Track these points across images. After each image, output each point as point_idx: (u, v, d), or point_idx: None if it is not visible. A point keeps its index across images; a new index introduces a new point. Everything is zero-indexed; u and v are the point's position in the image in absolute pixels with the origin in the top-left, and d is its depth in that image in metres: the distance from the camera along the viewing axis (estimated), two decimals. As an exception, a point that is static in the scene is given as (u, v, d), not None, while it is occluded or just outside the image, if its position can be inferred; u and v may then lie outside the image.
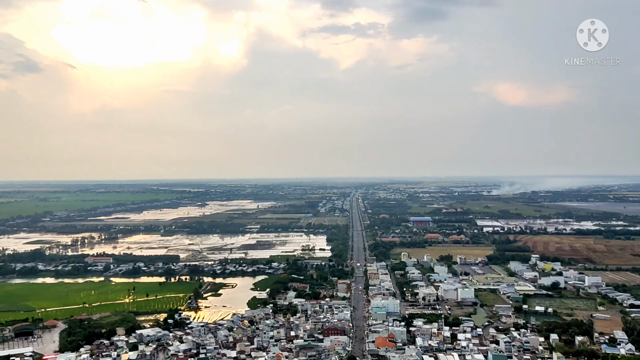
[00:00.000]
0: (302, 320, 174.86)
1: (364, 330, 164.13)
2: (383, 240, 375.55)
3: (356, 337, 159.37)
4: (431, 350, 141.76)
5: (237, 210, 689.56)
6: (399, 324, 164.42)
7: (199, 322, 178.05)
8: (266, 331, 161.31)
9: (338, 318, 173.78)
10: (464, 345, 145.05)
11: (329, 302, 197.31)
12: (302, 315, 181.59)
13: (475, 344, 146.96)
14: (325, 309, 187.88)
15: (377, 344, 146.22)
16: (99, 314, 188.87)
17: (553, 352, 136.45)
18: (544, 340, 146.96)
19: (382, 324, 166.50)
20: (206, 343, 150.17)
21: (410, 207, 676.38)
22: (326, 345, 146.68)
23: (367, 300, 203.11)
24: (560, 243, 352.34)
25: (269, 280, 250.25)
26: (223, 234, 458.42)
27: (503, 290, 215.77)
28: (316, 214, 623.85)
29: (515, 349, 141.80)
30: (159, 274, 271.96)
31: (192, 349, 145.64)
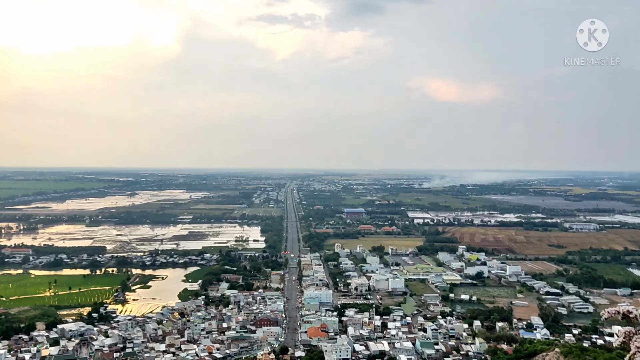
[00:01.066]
0: (234, 311, 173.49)
1: (297, 321, 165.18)
2: (317, 232, 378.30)
3: (289, 328, 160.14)
4: (362, 339, 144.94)
5: (169, 201, 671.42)
6: (331, 314, 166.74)
7: (126, 315, 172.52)
8: (197, 323, 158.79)
9: (271, 309, 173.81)
10: (393, 334, 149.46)
11: (262, 293, 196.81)
12: (234, 306, 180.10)
13: (405, 332, 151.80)
14: (258, 300, 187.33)
15: (309, 334, 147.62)
16: (17, 308, 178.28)
17: (476, 337, 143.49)
18: (467, 327, 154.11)
19: (314, 314, 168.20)
20: (133, 337, 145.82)
21: (345, 198, 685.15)
22: (259, 336, 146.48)
23: (300, 291, 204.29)
24: (485, 234, 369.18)
25: (201, 271, 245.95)
26: (153, 224, 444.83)
27: (432, 280, 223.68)
28: (250, 205, 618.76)
29: (441, 335, 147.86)
30: (83, 266, 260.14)
31: (118, 344, 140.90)
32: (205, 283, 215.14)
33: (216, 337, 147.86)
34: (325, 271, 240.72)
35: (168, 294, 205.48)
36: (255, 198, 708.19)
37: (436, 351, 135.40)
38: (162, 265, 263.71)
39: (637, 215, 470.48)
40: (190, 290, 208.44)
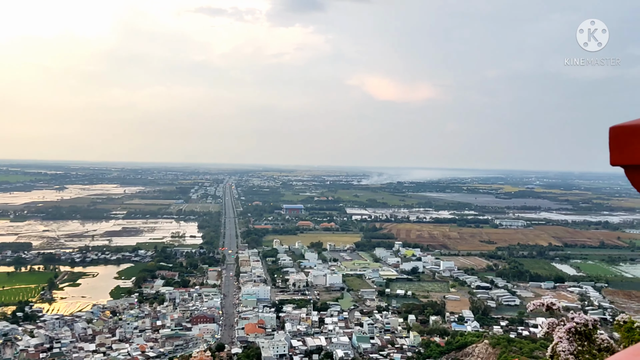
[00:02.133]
0: (169, 309, 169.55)
1: (234, 318, 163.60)
2: (256, 228, 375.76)
3: (226, 325, 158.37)
4: (300, 335, 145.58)
5: (101, 195, 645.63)
6: (269, 310, 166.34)
7: (53, 314, 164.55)
8: (130, 322, 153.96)
9: (208, 306, 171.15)
10: (330, 329, 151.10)
11: (198, 290, 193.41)
12: (169, 304, 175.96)
13: (342, 327, 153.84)
14: (195, 297, 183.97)
15: (246, 330, 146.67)
16: None
17: (410, 331, 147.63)
18: (402, 321, 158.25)
19: (252, 310, 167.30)
20: (61, 337, 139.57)
21: (284, 194, 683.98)
22: (194, 334, 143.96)
23: (238, 287, 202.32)
24: (421, 230, 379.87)
25: (135, 268, 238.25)
26: (84, 220, 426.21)
27: (368, 275, 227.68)
28: (187, 200, 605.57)
29: (377, 330, 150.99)
30: (7, 263, 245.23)
31: (45, 344, 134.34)
32: (139, 280, 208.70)
33: (150, 336, 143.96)
34: (263, 267, 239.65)
35: (99, 291, 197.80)
36: (193, 193, 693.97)
37: (372, 345, 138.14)
38: (93, 262, 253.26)
39: (560, 212, 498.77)
40: (123, 288, 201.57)
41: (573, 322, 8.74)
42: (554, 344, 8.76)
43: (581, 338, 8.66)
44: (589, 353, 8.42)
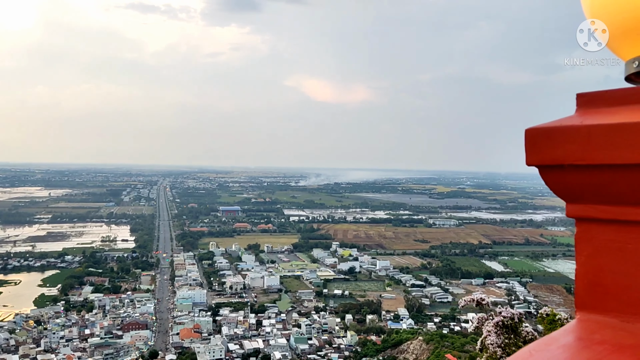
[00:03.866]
0: (99, 316, 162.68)
1: (169, 323, 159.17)
2: (191, 230, 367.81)
3: (160, 331, 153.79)
4: (237, 338, 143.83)
5: (24, 198, 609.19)
6: (205, 314, 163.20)
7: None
8: (55, 331, 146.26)
9: (140, 312, 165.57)
10: (268, 331, 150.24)
11: (130, 295, 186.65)
12: (99, 311, 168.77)
13: (279, 328, 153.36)
14: (127, 303, 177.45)
15: (181, 335, 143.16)
16: None
17: (348, 330, 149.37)
18: (340, 321, 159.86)
19: (187, 314, 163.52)
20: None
21: (220, 196, 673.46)
22: (126, 342, 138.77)
23: (172, 291, 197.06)
24: (358, 231, 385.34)
25: (62, 274, 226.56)
26: (5, 224, 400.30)
27: (306, 276, 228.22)
28: (119, 203, 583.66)
29: (315, 330, 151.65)
30: None
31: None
32: (66, 287, 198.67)
33: (77, 345, 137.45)
34: (199, 270, 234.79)
35: (22, 300, 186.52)
36: (125, 196, 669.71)
37: (310, 346, 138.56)
38: (15, 270, 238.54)
39: (489, 211, 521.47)
40: (48, 296, 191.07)
41: (500, 317, 8.95)
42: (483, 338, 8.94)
43: (508, 331, 8.88)
44: (515, 345, 8.65)
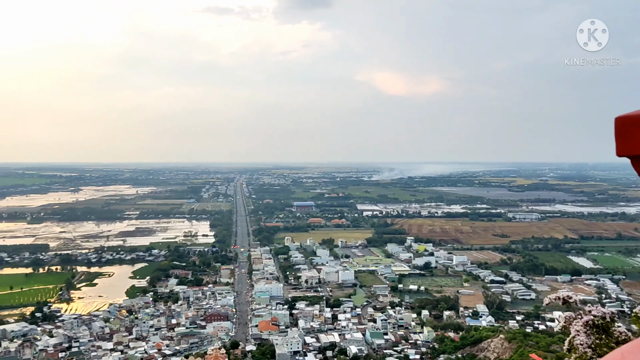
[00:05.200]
0: (183, 307, 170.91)
1: (248, 315, 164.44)
2: (267, 225, 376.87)
3: (239, 322, 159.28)
4: (313, 332, 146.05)
5: (115, 196, 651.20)
6: (282, 308, 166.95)
7: (71, 314, 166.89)
8: (145, 320, 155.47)
9: (221, 304, 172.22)
10: (344, 325, 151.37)
11: (211, 288, 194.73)
12: (184, 302, 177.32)
13: (355, 323, 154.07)
14: (208, 295, 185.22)
15: (260, 327, 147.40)
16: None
17: (424, 326, 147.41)
18: (416, 317, 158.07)
19: (265, 308, 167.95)
20: (79, 336, 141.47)
21: (294, 192, 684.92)
22: (209, 332, 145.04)
23: (250, 285, 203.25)
24: (433, 225, 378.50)
25: (149, 267, 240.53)
26: (99, 220, 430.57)
27: (381, 271, 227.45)
28: (199, 200, 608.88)
29: (390, 325, 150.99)
30: (25, 265, 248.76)
31: (64, 343, 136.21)
32: (154, 279, 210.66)
33: (165, 334, 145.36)
34: (275, 265, 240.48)
35: (115, 291, 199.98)
36: (204, 192, 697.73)
37: (385, 341, 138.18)
38: (108, 262, 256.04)
39: (575, 204, 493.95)
40: (138, 287, 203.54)
41: (590, 315, 8.81)
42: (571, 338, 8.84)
43: (599, 331, 8.73)
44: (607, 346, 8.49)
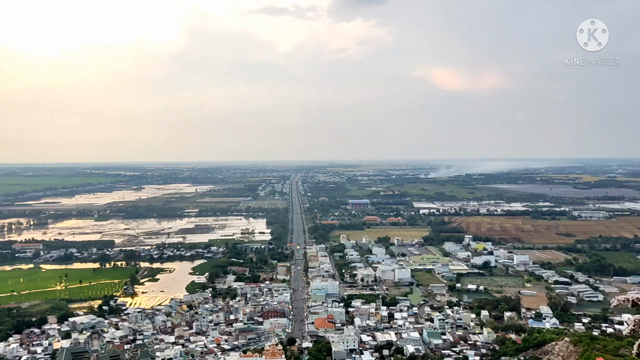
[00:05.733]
0: (241, 303, 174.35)
1: (304, 312, 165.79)
2: (322, 223, 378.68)
3: (296, 319, 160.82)
4: (369, 330, 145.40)
5: (175, 194, 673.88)
6: (338, 305, 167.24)
7: (135, 307, 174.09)
8: (205, 315, 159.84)
9: (278, 300, 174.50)
10: (400, 324, 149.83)
11: (268, 285, 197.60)
12: (241, 298, 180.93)
13: (411, 322, 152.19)
14: (265, 292, 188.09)
15: (316, 325, 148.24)
16: (28, 302, 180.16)
17: (483, 327, 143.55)
18: (475, 317, 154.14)
19: (321, 305, 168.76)
20: (143, 329, 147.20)
21: (349, 190, 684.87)
22: (266, 328, 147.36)
23: (306, 282, 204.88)
24: (492, 224, 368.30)
25: (208, 264, 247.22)
26: (160, 218, 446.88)
27: (438, 270, 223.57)
28: (256, 198, 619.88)
29: (448, 325, 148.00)
30: (93, 260, 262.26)
31: (129, 335, 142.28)
32: (212, 276, 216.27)
33: (224, 329, 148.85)
34: (331, 262, 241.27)
35: (176, 286, 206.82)
36: (261, 190, 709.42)
37: (444, 341, 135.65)
38: (169, 259, 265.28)
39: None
40: (197, 283, 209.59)
41: (663, 319, 8.21)
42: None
43: (672, 336, 8.13)
44: (681, 351, 7.89)
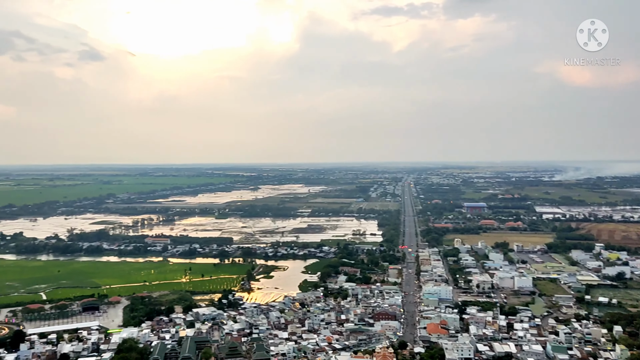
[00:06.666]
0: (352, 304, 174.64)
1: (416, 316, 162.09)
2: (435, 226, 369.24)
3: (407, 323, 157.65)
4: (485, 339, 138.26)
5: (289, 194, 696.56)
6: (451, 311, 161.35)
7: (251, 303, 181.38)
8: (317, 314, 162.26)
9: (389, 303, 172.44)
10: (520, 335, 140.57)
11: (379, 287, 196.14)
12: (352, 299, 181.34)
13: (533, 334, 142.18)
14: (376, 293, 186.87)
15: (428, 330, 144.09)
16: (158, 292, 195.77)
17: (616, 344, 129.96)
18: (607, 332, 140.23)
19: (434, 310, 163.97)
20: (259, 323, 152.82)
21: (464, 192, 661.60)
22: (377, 330, 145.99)
23: (418, 286, 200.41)
24: (627, 231, 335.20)
25: (320, 263, 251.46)
26: (275, 217, 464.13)
27: (564, 279, 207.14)
28: (367, 199, 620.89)
29: (575, 340, 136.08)
30: (213, 256, 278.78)
31: (246, 329, 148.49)
32: (324, 275, 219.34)
33: (335, 328, 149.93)
34: (444, 267, 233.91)
35: (289, 284, 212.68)
36: (372, 192, 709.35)
37: (570, 357, 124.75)
38: (283, 257, 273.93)
39: None
40: (309, 282, 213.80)
41: None
42: None
43: None
44: None
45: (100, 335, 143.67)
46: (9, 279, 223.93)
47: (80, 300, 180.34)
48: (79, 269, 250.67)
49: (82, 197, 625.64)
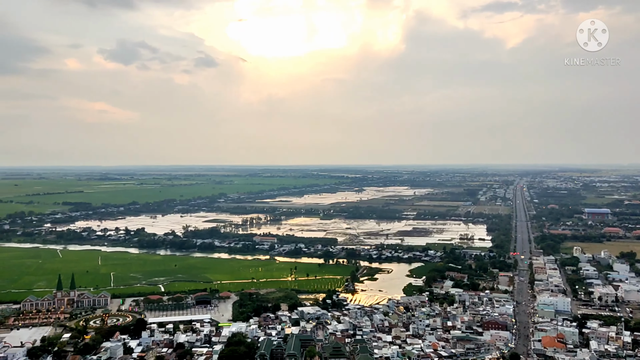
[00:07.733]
0: (459, 310, 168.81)
1: (529, 328, 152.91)
2: (551, 233, 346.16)
3: (520, 334, 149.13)
4: (608, 356, 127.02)
5: (394, 197, 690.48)
6: (569, 324, 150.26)
7: (355, 304, 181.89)
8: (422, 319, 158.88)
9: (499, 312, 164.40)
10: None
11: (488, 294, 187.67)
12: (459, 305, 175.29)
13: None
14: (485, 301, 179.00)
15: (543, 343, 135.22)
16: (265, 289, 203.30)
17: None
18: None
19: (549, 322, 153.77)
20: (362, 325, 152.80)
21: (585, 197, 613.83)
22: (486, 339, 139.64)
23: (532, 295, 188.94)
24: None
25: (425, 267, 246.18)
26: (379, 219, 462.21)
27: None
28: (476, 202, 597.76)
29: None
30: (318, 256, 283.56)
31: (349, 330, 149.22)
32: (429, 279, 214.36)
33: (441, 335, 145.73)
34: (561, 276, 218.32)
35: (393, 287, 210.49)
36: (481, 195, 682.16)
37: None
38: (387, 259, 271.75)
39: None
40: (414, 286, 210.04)
41: None
42: None
43: None
44: None
45: (211, 327, 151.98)
46: (133, 271, 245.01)
47: (194, 293, 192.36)
48: (193, 264, 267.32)
49: (197, 196, 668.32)
